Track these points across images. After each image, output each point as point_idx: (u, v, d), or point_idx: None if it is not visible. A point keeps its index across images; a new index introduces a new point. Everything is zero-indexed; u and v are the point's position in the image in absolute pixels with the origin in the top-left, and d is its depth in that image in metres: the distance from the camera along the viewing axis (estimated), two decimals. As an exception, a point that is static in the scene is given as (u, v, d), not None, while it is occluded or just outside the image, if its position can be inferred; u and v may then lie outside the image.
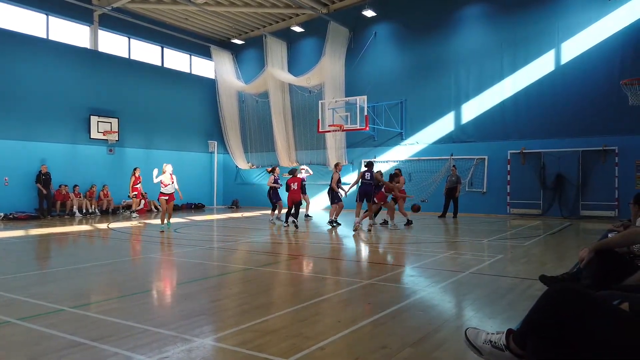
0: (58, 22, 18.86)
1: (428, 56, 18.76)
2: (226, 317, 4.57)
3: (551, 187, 16.08)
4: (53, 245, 10.66)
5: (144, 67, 21.61)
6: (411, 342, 3.74)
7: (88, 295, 5.78)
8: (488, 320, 4.34)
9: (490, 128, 17.36)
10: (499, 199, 17.08)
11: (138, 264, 7.94)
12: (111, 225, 14.33)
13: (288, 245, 10.26)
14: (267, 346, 3.66)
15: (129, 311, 4.72)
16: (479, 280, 6.10)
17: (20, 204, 16.92)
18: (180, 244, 9.93)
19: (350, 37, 20.80)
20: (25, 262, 7.88)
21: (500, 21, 17.28)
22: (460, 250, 8.99)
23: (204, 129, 24.13)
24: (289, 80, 21.96)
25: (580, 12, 15.71)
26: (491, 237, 10.75)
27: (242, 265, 7.72)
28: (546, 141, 16.24)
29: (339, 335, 3.92)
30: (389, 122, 19.45)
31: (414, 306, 4.86)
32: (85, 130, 19.05)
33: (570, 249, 9.41)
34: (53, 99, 18.06)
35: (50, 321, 4.32)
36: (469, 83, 17.86)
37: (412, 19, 19.22)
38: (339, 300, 5.24)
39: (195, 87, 23.91)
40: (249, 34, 24.20)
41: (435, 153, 18.48)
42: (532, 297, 5.08)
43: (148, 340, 3.81)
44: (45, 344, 3.74)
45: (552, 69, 16.22)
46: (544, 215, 16.07)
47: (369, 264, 7.86)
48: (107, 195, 19.13)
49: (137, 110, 20.90)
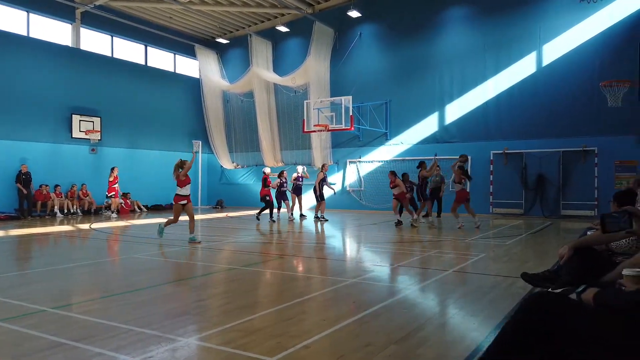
0: (39, 20, 18.54)
1: (412, 57, 18.91)
2: (211, 317, 4.56)
3: (533, 187, 16.34)
4: (33, 245, 10.49)
5: (127, 66, 21.35)
6: (395, 340, 3.78)
7: (70, 295, 5.71)
8: (470, 318, 4.41)
9: (473, 129, 17.57)
10: (481, 198, 17.27)
11: (121, 264, 7.86)
12: (93, 226, 14.14)
13: (274, 245, 10.26)
14: (252, 345, 3.66)
15: (111, 311, 4.68)
16: (462, 279, 6.18)
17: (-1, 204, 16.60)
18: (164, 244, 9.85)
19: (336, 37, 20.85)
20: (4, 263, 7.74)
21: (483, 23, 17.50)
22: (443, 249, 9.09)
23: (188, 128, 23.94)
24: (274, 80, 21.92)
25: (560, 16, 16.00)
26: (474, 236, 10.88)
27: (226, 265, 7.69)
28: (528, 142, 16.49)
29: (323, 333, 3.94)
30: (374, 123, 19.56)
31: (398, 304, 4.91)
32: (67, 129, 18.76)
33: (551, 247, 9.58)
34: (34, 98, 17.74)
35: (31, 322, 4.26)
36: (453, 84, 18.05)
37: (397, 20, 19.35)
38: (324, 299, 5.26)
39: (180, 87, 23.71)
40: (234, 33, 24.09)
41: (420, 153, 18.58)
42: (514, 295, 5.18)
43: (132, 340, 3.79)
44: (27, 344, 3.69)
45: (534, 70, 16.48)
46: (525, 215, 16.32)
47: (355, 263, 7.90)
48: (87, 194, 18.82)
49: (120, 110, 20.64)
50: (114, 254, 8.89)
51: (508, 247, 9.18)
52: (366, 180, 19.99)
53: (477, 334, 3.95)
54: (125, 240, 10.70)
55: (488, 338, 3.83)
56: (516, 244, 9.59)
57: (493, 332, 3.97)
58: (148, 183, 21.27)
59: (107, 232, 12.44)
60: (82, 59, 19.53)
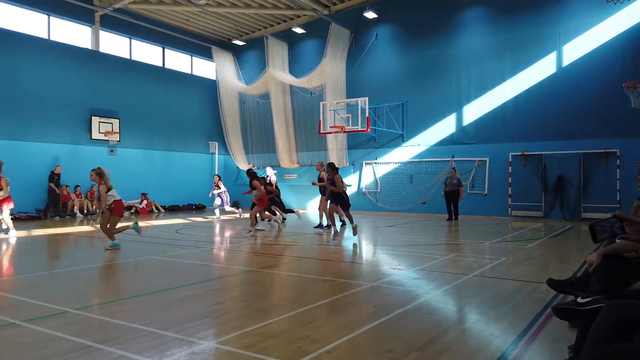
0: (59, 23, 18.86)
1: (429, 58, 18.77)
2: (230, 320, 4.56)
3: (552, 189, 16.08)
4: (55, 246, 10.65)
5: (145, 68, 21.61)
6: (417, 346, 3.74)
7: (91, 297, 5.77)
8: (493, 324, 4.34)
9: (492, 130, 17.37)
10: (500, 201, 17.08)
11: (139, 265, 7.93)
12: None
13: (290, 247, 10.25)
14: (273, 349, 3.65)
15: (132, 313, 4.72)
16: (482, 283, 6.09)
17: (21, 205, 16.87)
18: (182, 245, 9.93)
19: (352, 38, 20.81)
20: (27, 264, 7.87)
21: (501, 24, 17.30)
22: (462, 252, 8.99)
23: (205, 129, 24.14)
24: (290, 81, 21.97)
25: (581, 15, 15.73)
26: (493, 239, 10.75)
27: (244, 267, 7.71)
28: (547, 143, 16.24)
29: (344, 338, 3.92)
30: (390, 124, 19.46)
31: (418, 309, 4.86)
32: (87, 130, 19.05)
33: (573, 251, 9.43)
34: (54, 100, 18.05)
35: (55, 323, 4.31)
36: (470, 85, 17.88)
37: (414, 21, 19.24)
38: (343, 303, 5.23)
39: (197, 88, 23.91)
40: (250, 35, 24.21)
41: (437, 155, 18.49)
42: (537, 301, 5.09)
43: (153, 342, 3.81)
44: (51, 346, 3.73)
45: (554, 71, 16.23)
46: (545, 218, 16.07)
47: (372, 267, 7.86)
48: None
49: (138, 111, 20.90)
50: (132, 255, 8.97)
51: (528, 250, 9.04)
52: (382, 181, 19.90)
53: (501, 341, 3.88)
54: (143, 241, 10.80)
55: (512, 345, 3.77)
56: (537, 248, 9.44)
57: (518, 339, 3.91)
58: (165, 184, 21.49)
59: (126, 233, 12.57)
60: (101, 61, 19.81)
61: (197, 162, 23.59)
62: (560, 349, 3.67)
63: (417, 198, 18.80)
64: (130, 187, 19.99)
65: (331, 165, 11.08)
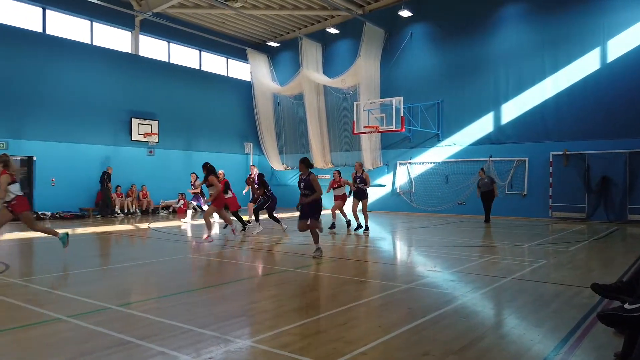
0: (102, 28, 19.53)
1: (465, 56, 18.41)
2: (265, 319, 4.60)
3: (596, 190, 15.46)
4: (97, 244, 11.02)
5: (182, 71, 22.11)
6: (454, 350, 3.67)
7: (131, 294, 5.94)
8: (534, 329, 4.21)
9: (531, 129, 16.87)
10: (540, 202, 16.57)
11: (177, 263, 8.11)
12: (151, 225, 14.70)
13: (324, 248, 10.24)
14: (308, 349, 3.66)
15: (171, 311, 4.82)
16: (522, 287, 5.92)
17: (65, 204, 17.61)
18: (217, 245, 10.09)
19: (386, 37, 20.64)
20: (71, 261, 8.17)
21: (540, 20, 16.77)
22: (500, 255, 8.77)
23: (240, 130, 24.49)
24: (324, 81, 22.00)
25: (627, 9, 15.06)
26: (532, 241, 10.43)
27: (278, 266, 7.76)
28: (590, 142, 15.64)
29: (380, 340, 3.89)
30: (426, 123, 19.20)
31: (455, 312, 4.76)
32: (127, 132, 19.65)
33: (618, 254, 9.04)
34: (97, 102, 18.70)
35: (98, 319, 4.46)
36: (509, 83, 17.42)
37: (449, 19, 18.91)
38: (378, 304, 5.19)
39: (232, 90, 24.29)
40: (284, 36, 24.39)
41: (473, 154, 18.11)
42: (580, 306, 4.91)
43: (191, 340, 3.88)
44: (94, 341, 3.86)
45: (597, 67, 15.61)
46: (588, 219, 15.48)
47: (407, 268, 7.77)
48: (146, 195, 19.66)
49: (175, 113, 21.42)
50: (170, 254, 9.18)
51: (570, 253, 8.73)
52: (417, 182, 19.65)
53: (542, 347, 3.76)
54: (181, 240, 11.05)
55: (554, 351, 3.65)
56: (579, 251, 9.10)
57: (560, 345, 3.78)
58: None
59: (165, 232, 12.89)
60: (140, 64, 20.40)
61: (233, 163, 23.92)
62: (605, 356, 3.52)
63: (453, 199, 18.48)
64: (168, 187, 20.54)
65: (305, 162, 8.65)
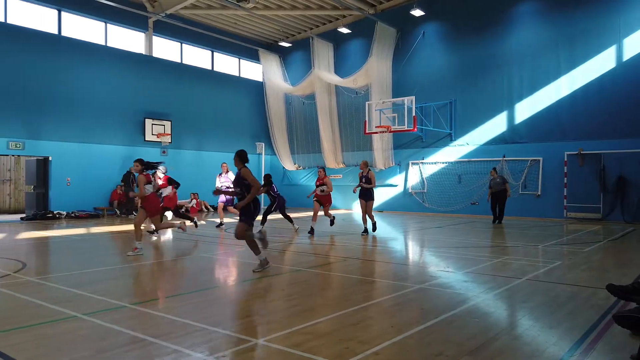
0: (116, 30, 19.75)
1: (478, 55, 18.27)
2: (277, 319, 4.62)
3: (612, 190, 15.26)
4: (111, 243, 11.15)
5: (195, 71, 22.27)
6: (468, 350, 3.65)
7: (145, 292, 6.01)
8: (548, 330, 4.17)
9: (545, 128, 16.69)
10: (554, 202, 16.39)
11: (190, 262, 8.17)
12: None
13: (336, 248, 10.26)
14: (321, 349, 3.67)
15: (184, 309, 4.86)
16: (536, 288, 5.87)
17: (80, 203, 17.84)
18: (230, 244, 10.15)
19: (398, 37, 20.58)
20: (86, 259, 8.28)
21: (555, 17, 16.59)
22: (513, 255, 8.70)
23: (252, 130, 24.59)
24: (335, 81, 22.00)
25: (644, 5, 14.85)
26: (547, 242, 10.32)
27: (291, 266, 7.78)
28: (606, 142, 15.43)
29: (392, 340, 3.88)
30: (438, 123, 19.10)
31: (468, 313, 4.74)
32: (140, 132, 19.85)
33: (634, 255, 8.91)
34: (111, 103, 18.92)
35: (114, 317, 4.52)
36: (523, 82, 17.25)
37: (462, 18, 18.79)
38: (390, 304, 5.18)
39: (244, 90, 24.40)
40: (296, 36, 24.43)
41: (487, 154, 17.97)
42: (595, 307, 4.85)
43: (205, 338, 3.91)
44: (110, 339, 3.92)
45: (613, 66, 15.39)
46: (604, 220, 15.28)
47: (419, 268, 7.74)
48: (160, 195, 19.84)
49: (188, 113, 21.58)
50: (183, 253, 9.26)
51: (586, 254, 8.62)
52: (429, 182, 19.55)
53: (557, 349, 3.73)
54: (193, 239, 11.13)
55: (569, 353, 3.61)
56: (595, 252, 8.99)
57: (575, 347, 3.74)
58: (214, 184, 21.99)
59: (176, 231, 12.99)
60: (154, 65, 20.59)
61: (245, 163, 24.02)
62: (622, 358, 3.48)
63: (466, 199, 18.36)
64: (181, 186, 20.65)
65: (240, 156, 7.07)
